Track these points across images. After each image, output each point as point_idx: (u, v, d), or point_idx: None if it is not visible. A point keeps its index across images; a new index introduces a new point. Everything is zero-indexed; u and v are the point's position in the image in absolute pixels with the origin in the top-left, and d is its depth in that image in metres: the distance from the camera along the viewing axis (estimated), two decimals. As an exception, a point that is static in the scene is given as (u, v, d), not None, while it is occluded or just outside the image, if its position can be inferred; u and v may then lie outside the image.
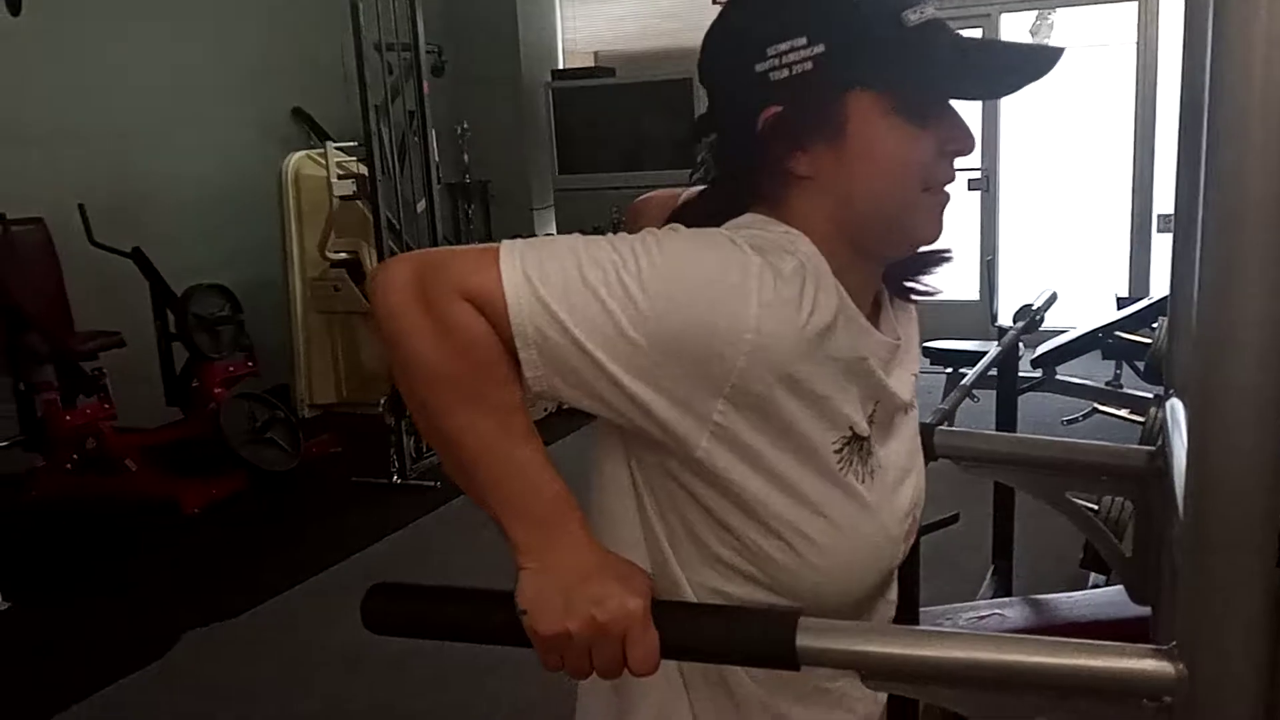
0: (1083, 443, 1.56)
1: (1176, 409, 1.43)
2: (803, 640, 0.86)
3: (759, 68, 0.91)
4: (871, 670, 0.87)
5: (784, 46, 0.91)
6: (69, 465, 4.48)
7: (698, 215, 0.96)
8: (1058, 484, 1.52)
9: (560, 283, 0.84)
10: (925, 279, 1.05)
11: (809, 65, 0.90)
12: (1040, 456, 1.51)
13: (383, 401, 4.65)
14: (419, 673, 2.98)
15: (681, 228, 0.90)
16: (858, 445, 0.94)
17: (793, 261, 0.88)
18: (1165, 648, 0.86)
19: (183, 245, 5.19)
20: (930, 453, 1.53)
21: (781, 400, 0.87)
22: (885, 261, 1.00)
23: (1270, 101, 0.83)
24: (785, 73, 0.91)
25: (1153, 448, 1.50)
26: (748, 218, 0.95)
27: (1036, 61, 0.92)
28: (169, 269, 4.80)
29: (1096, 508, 1.72)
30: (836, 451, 0.92)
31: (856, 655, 0.87)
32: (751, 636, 0.88)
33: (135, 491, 4.42)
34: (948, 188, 0.98)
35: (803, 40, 0.90)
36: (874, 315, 0.99)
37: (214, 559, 4.02)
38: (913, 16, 0.91)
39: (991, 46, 0.93)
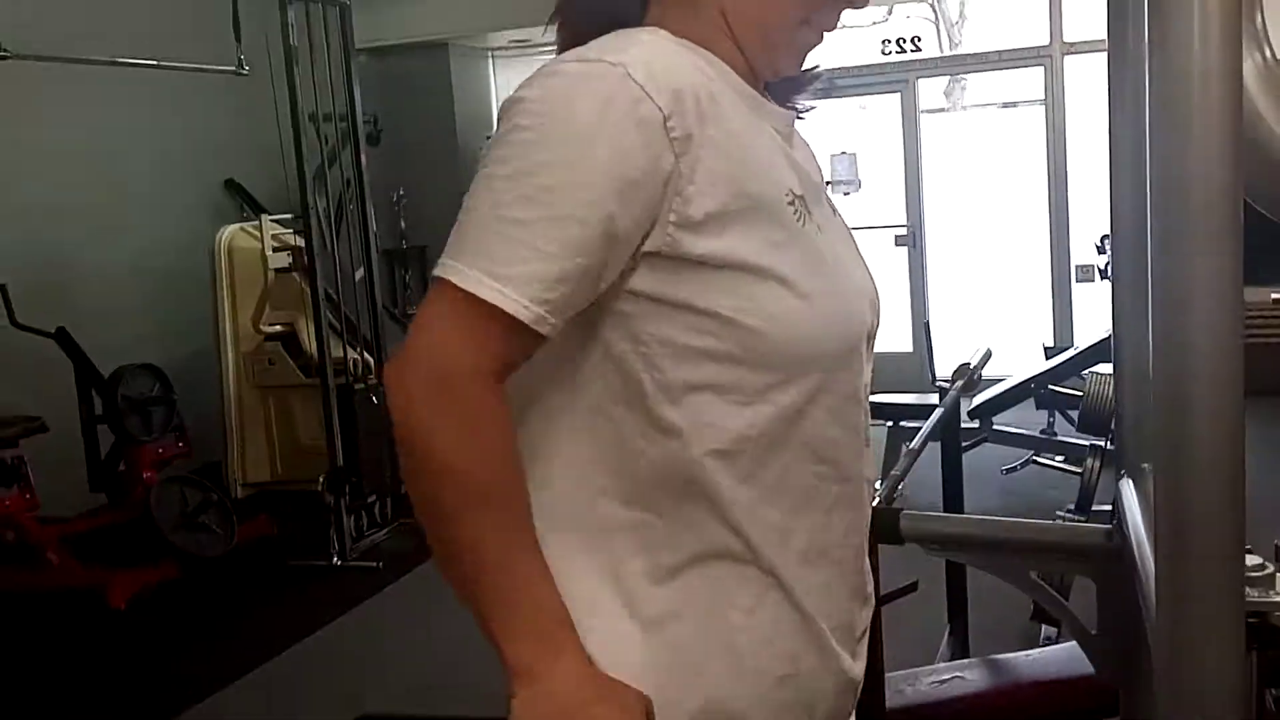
0: (1043, 523, 1.59)
1: (1129, 489, 1.47)
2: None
3: None
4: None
5: None
6: (-14, 560, 4.29)
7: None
8: (1021, 564, 1.55)
9: (509, 249, 0.86)
10: (799, 99, 1.11)
11: None
12: (1004, 538, 1.54)
13: (321, 479, 4.55)
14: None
15: (533, 102, 0.90)
16: (796, 203, 0.98)
17: (635, 65, 0.90)
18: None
19: (111, 322, 5.07)
20: (897, 537, 1.55)
21: (716, 163, 0.91)
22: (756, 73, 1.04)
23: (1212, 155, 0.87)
24: None
25: (1109, 525, 1.53)
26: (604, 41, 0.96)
27: None
28: (97, 346, 4.67)
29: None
30: (790, 204, 0.97)
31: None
32: None
33: (58, 585, 4.24)
34: (825, 34, 1.03)
35: None
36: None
37: (146, 654, 3.85)
38: None
39: None
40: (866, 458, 1.07)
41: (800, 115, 1.10)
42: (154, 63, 4.69)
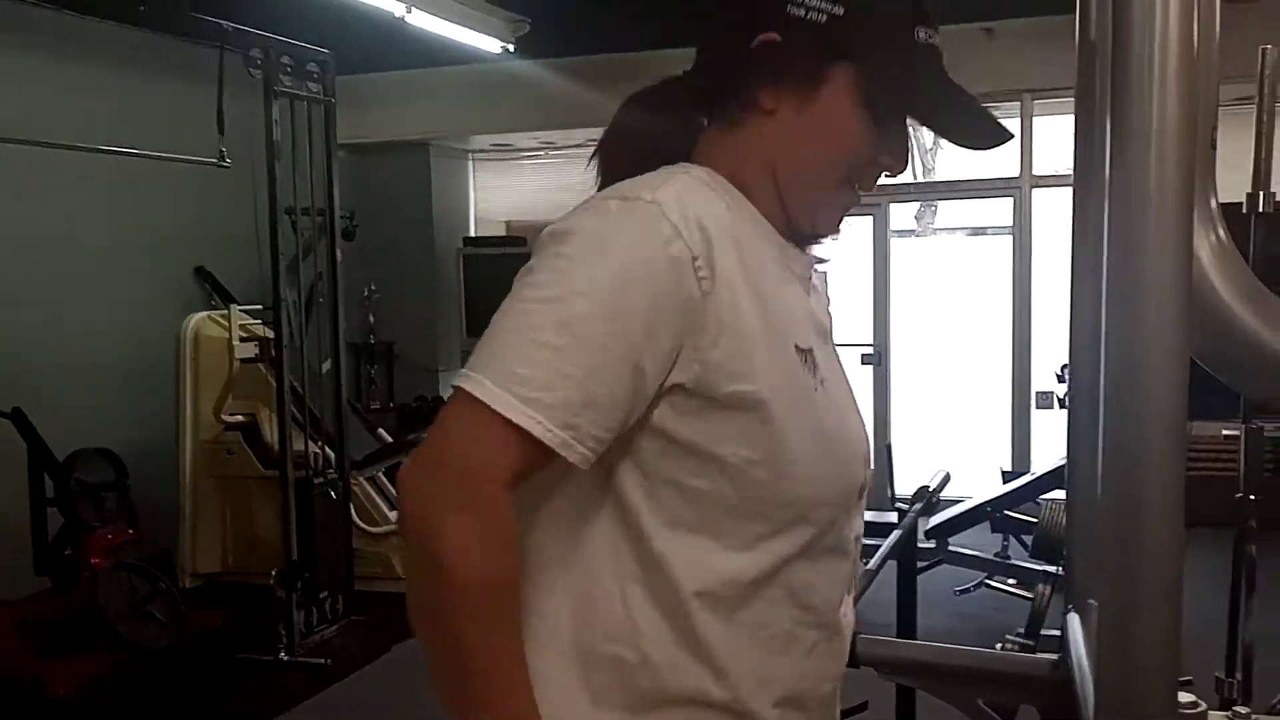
0: (992, 653, 1.61)
1: (1075, 624, 1.50)
2: None
3: None
4: None
5: None
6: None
7: (646, 109, 1.04)
8: (970, 692, 1.57)
9: (539, 372, 0.88)
10: (817, 250, 1.13)
11: (823, 18, 0.97)
12: (954, 666, 1.56)
13: (274, 573, 4.48)
14: None
15: (573, 235, 0.94)
16: (805, 357, 1.00)
17: (670, 200, 0.93)
18: None
19: (71, 404, 5.02)
20: (853, 659, 1.56)
21: (736, 310, 0.94)
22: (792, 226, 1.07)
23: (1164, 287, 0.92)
24: (801, 11, 0.97)
25: (1055, 657, 1.56)
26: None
27: (990, 133, 1.02)
28: (55, 428, 4.61)
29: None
30: (802, 357, 0.99)
31: None
32: None
33: (-1, 670, 4.12)
34: (861, 193, 1.06)
35: None
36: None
37: (83, 746, 3.75)
38: (923, 34, 0.99)
39: (966, 100, 1.02)
40: (848, 605, 1.09)
41: (820, 262, 1.14)
42: (134, 151, 4.74)
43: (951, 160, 8.43)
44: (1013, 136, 1.04)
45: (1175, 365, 0.94)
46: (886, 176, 1.06)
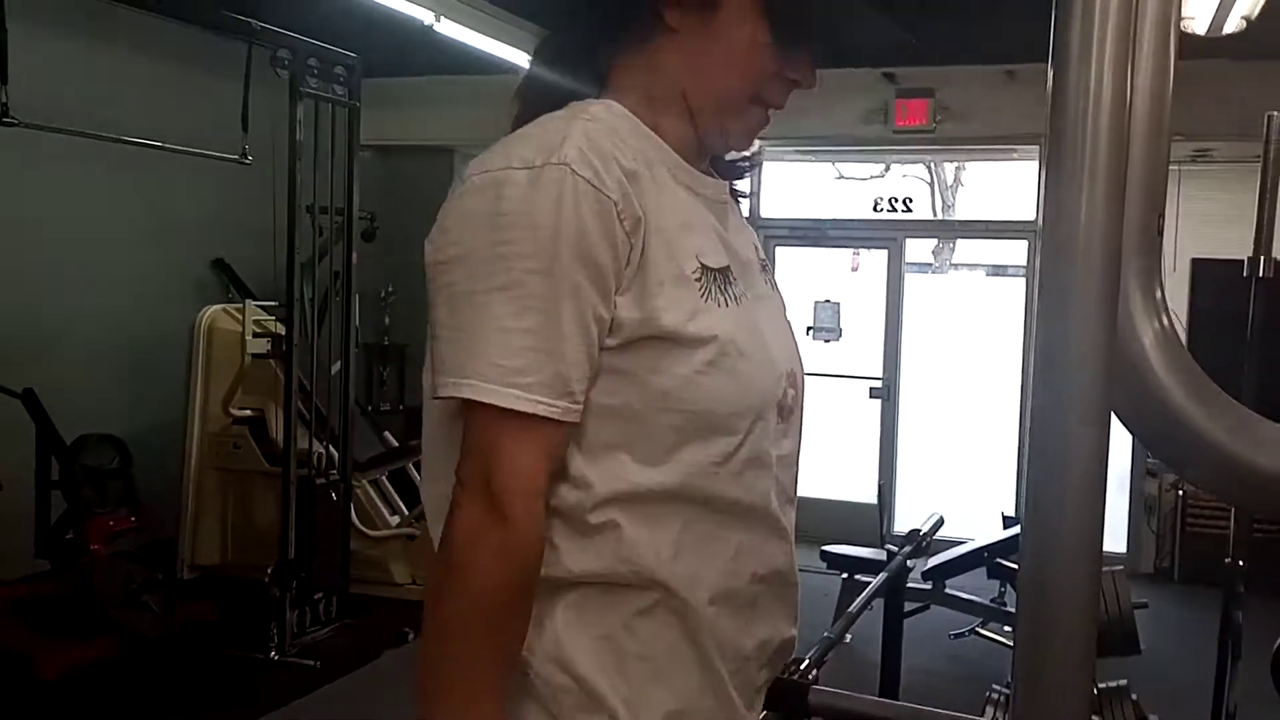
0: (941, 712, 1.60)
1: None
2: None
3: None
4: None
5: None
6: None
7: (555, 54, 1.08)
8: (923, 751, 1.56)
9: (522, 359, 0.93)
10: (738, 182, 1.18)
11: None
12: (905, 724, 1.56)
13: (270, 569, 4.51)
14: None
15: (503, 218, 0.96)
16: (713, 276, 1.02)
17: (568, 146, 0.96)
18: None
19: (81, 388, 5.07)
20: (805, 710, 1.56)
21: (654, 240, 0.98)
22: (706, 148, 1.10)
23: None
24: None
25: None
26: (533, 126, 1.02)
27: (886, 26, 1.05)
28: (63, 412, 4.67)
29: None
30: (696, 279, 1.01)
31: None
32: None
33: (-10, 648, 4.16)
34: (771, 111, 1.08)
35: None
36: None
37: (67, 730, 3.78)
38: None
39: (857, 4, 1.05)
40: (788, 515, 1.12)
41: (739, 195, 1.18)
42: (159, 144, 4.78)
43: (973, 197, 8.45)
44: (912, 38, 1.08)
45: (1094, 428, 0.92)
46: (797, 90, 1.08)
